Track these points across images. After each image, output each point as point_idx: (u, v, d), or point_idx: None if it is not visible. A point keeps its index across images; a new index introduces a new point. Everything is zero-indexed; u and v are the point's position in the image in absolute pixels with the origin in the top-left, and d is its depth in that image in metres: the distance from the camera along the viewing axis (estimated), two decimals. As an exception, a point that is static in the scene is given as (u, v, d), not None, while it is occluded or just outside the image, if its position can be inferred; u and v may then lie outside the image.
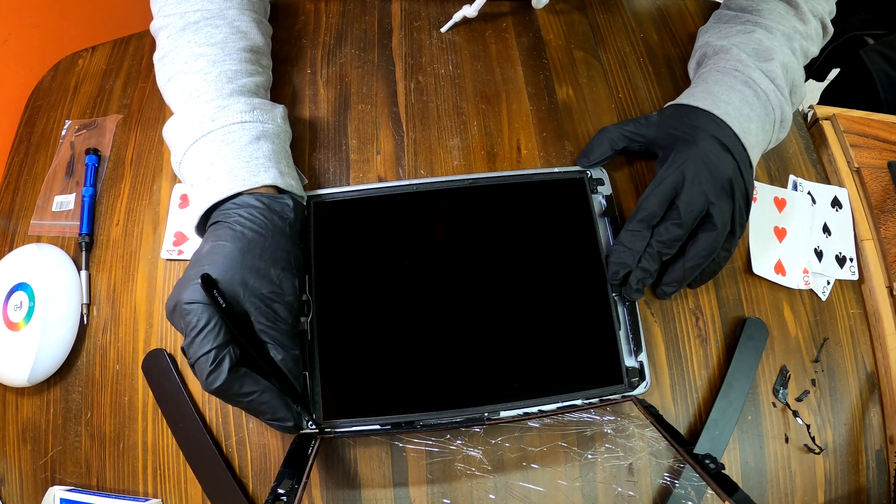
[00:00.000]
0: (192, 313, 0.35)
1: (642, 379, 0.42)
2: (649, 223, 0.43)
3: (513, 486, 0.42)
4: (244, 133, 0.42)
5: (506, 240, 0.45)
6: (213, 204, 0.40)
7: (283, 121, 0.46)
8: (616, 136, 0.48)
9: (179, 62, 0.44)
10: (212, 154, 0.41)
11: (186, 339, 0.35)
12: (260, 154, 0.41)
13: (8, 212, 0.52)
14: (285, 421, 0.37)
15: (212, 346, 0.34)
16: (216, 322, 0.35)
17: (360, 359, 0.42)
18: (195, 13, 0.45)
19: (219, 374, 0.34)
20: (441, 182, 0.47)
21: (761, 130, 0.45)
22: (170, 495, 0.43)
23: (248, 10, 0.48)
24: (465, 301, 0.44)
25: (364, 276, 0.44)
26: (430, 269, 0.44)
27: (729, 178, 0.42)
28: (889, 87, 0.71)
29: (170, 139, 0.44)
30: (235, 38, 0.46)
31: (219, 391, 0.35)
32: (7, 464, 0.45)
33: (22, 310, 0.45)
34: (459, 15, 0.55)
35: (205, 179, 0.40)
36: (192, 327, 0.35)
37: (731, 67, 0.47)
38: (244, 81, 0.45)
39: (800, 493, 0.44)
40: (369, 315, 0.43)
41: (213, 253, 0.37)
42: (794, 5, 0.49)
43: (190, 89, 0.43)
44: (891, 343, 0.47)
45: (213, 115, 0.42)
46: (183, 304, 0.35)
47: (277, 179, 0.41)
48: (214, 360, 0.34)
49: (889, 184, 0.53)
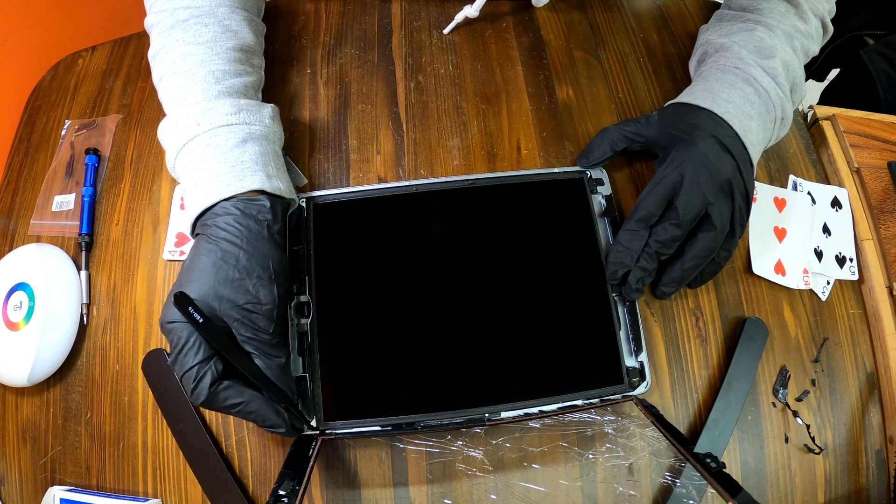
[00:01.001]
0: (172, 332, 0.36)
1: (643, 379, 0.42)
2: (647, 223, 0.43)
3: (513, 486, 0.42)
4: (230, 136, 0.41)
5: (506, 240, 0.45)
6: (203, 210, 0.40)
7: (271, 121, 0.45)
8: (616, 137, 0.48)
9: (168, 61, 0.44)
10: (198, 159, 0.41)
11: (171, 357, 0.36)
12: (246, 157, 0.41)
13: (8, 212, 0.52)
14: (277, 427, 0.37)
15: (193, 362, 0.35)
16: (195, 339, 0.35)
17: (361, 360, 0.42)
18: (184, 10, 0.45)
19: (201, 390, 0.35)
20: (441, 182, 0.47)
21: (762, 128, 0.45)
22: (170, 495, 0.43)
23: (240, 7, 0.48)
24: (466, 301, 0.44)
25: (364, 277, 0.44)
26: (429, 270, 0.44)
27: (728, 179, 0.42)
28: (889, 87, 0.71)
29: (162, 142, 0.44)
30: (225, 37, 0.45)
31: (205, 405, 0.35)
32: (7, 464, 0.45)
33: (22, 310, 0.45)
34: (461, 15, 0.55)
35: (193, 186, 0.40)
36: (175, 345, 0.35)
37: (731, 65, 0.47)
38: (232, 82, 0.44)
39: (800, 493, 0.44)
40: (369, 316, 0.43)
41: (190, 269, 0.38)
42: (795, 4, 0.49)
43: (178, 90, 0.43)
44: (891, 343, 0.47)
45: (198, 119, 0.41)
46: (165, 324, 0.36)
47: (264, 183, 0.40)
48: (196, 377, 0.35)
49: (889, 184, 0.53)
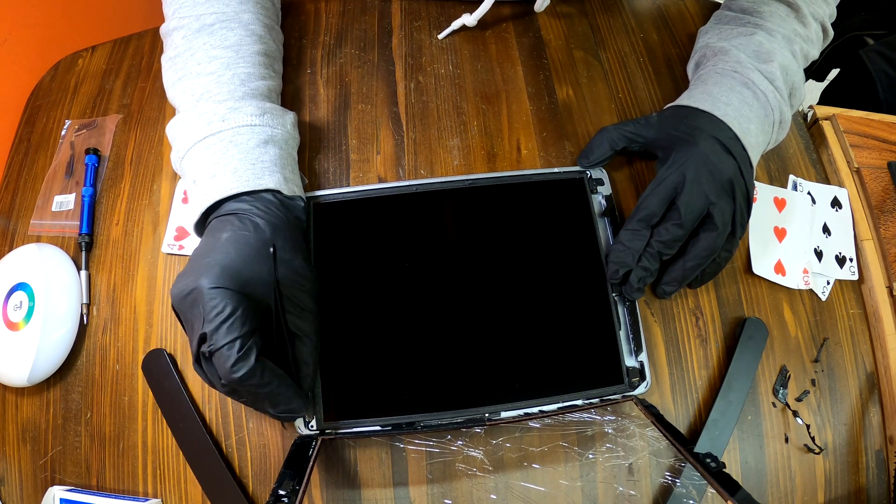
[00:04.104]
0: (217, 298, 0.33)
1: (643, 379, 0.42)
2: (649, 223, 0.43)
3: (513, 486, 0.42)
4: (253, 136, 0.42)
5: (506, 240, 0.45)
6: (215, 202, 0.40)
7: (292, 127, 0.46)
8: (616, 137, 0.48)
9: (193, 63, 0.44)
10: (218, 153, 0.41)
11: (209, 326, 0.33)
12: (266, 158, 0.42)
13: (8, 212, 0.52)
14: (298, 411, 0.37)
15: (238, 333, 0.33)
16: (243, 309, 0.34)
17: (361, 360, 0.42)
18: (210, 15, 0.45)
19: (245, 364, 0.33)
20: (441, 182, 0.47)
21: (761, 131, 0.45)
22: (170, 495, 0.43)
23: (263, 15, 0.49)
24: (466, 301, 0.44)
25: (364, 277, 0.44)
26: (430, 270, 0.44)
27: (729, 179, 0.42)
28: (889, 87, 0.71)
29: (174, 135, 0.44)
30: (250, 40, 0.46)
31: (241, 380, 0.33)
32: (7, 464, 0.45)
33: (22, 310, 0.45)
34: (458, 23, 0.55)
35: (209, 177, 0.40)
36: (218, 313, 0.33)
37: (730, 69, 0.47)
38: (256, 84, 0.45)
39: (800, 493, 0.44)
40: (369, 316, 0.43)
41: (234, 241, 0.36)
42: (795, 8, 0.49)
43: (201, 90, 0.43)
44: (891, 343, 0.47)
45: (223, 116, 0.42)
46: (206, 289, 0.34)
47: (281, 184, 0.41)
48: (242, 348, 0.33)
49: (889, 184, 0.53)
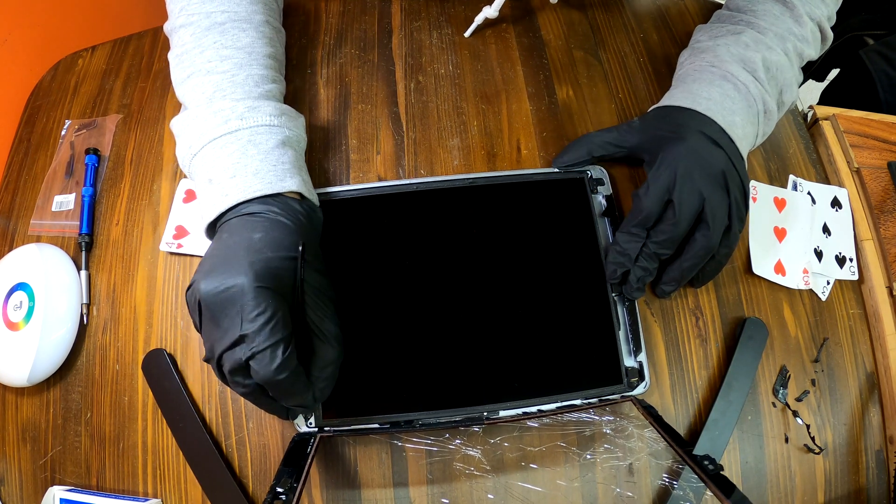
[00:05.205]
0: (261, 298, 0.33)
1: (642, 379, 0.42)
2: (644, 224, 0.42)
3: (512, 486, 0.42)
4: (271, 136, 0.42)
5: (506, 240, 0.45)
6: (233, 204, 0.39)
7: (303, 130, 0.46)
8: (597, 144, 0.48)
9: (202, 60, 0.44)
10: (237, 153, 0.40)
11: (251, 326, 0.33)
12: (286, 159, 0.41)
13: (8, 212, 0.52)
14: (305, 404, 0.37)
15: (282, 335, 0.34)
16: (284, 311, 0.35)
17: (359, 358, 0.42)
18: (222, 14, 0.45)
19: (289, 363, 0.34)
20: (441, 182, 0.47)
21: (747, 122, 0.45)
22: (170, 495, 0.43)
23: (272, 17, 0.49)
24: (465, 300, 0.44)
25: (363, 276, 0.44)
26: (429, 269, 0.44)
27: (721, 171, 0.42)
28: (889, 87, 0.71)
29: (184, 131, 0.43)
30: (261, 43, 0.46)
31: (283, 382, 0.34)
32: (7, 464, 0.45)
33: (22, 310, 0.45)
34: (481, 17, 0.55)
35: (228, 177, 0.40)
36: (260, 313, 0.33)
37: (707, 64, 0.47)
38: (269, 87, 0.45)
39: (800, 493, 0.44)
40: (368, 314, 0.43)
41: (268, 242, 0.36)
42: (790, 6, 0.48)
43: (213, 88, 0.43)
44: (891, 343, 0.47)
45: (242, 114, 0.41)
46: (252, 288, 0.33)
47: (302, 187, 0.41)
48: (286, 351, 0.34)
49: (889, 184, 0.53)
